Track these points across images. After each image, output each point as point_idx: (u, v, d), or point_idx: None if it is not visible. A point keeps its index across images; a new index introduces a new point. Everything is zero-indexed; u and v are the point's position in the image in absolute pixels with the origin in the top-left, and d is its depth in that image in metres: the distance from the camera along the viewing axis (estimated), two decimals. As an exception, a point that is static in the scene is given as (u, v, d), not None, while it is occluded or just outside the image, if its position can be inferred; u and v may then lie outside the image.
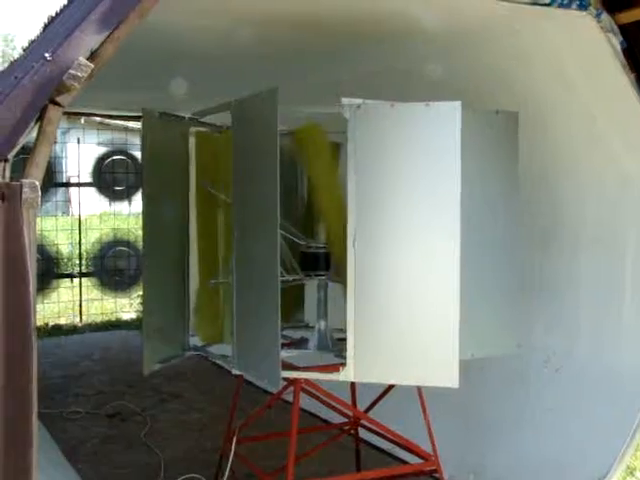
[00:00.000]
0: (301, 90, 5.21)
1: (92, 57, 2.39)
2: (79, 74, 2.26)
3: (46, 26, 4.61)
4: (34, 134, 2.41)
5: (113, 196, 10.83)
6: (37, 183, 2.25)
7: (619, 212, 4.42)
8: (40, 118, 2.36)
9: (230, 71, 5.36)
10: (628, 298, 4.39)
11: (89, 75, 2.29)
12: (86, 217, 11.40)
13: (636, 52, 3.88)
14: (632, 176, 4.30)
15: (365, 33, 4.23)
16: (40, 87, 2.25)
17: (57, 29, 2.87)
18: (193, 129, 4.21)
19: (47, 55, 2.25)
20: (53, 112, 2.34)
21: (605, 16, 3.79)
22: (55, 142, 10.47)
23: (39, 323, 9.72)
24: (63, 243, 10.91)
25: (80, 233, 10.59)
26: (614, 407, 4.32)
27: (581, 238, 4.61)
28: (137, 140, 10.45)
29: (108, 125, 11.34)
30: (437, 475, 3.89)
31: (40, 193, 2.24)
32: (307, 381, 3.65)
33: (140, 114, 3.90)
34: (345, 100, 3.36)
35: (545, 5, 3.64)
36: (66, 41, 2.29)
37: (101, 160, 10.72)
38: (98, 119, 10.99)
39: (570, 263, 4.68)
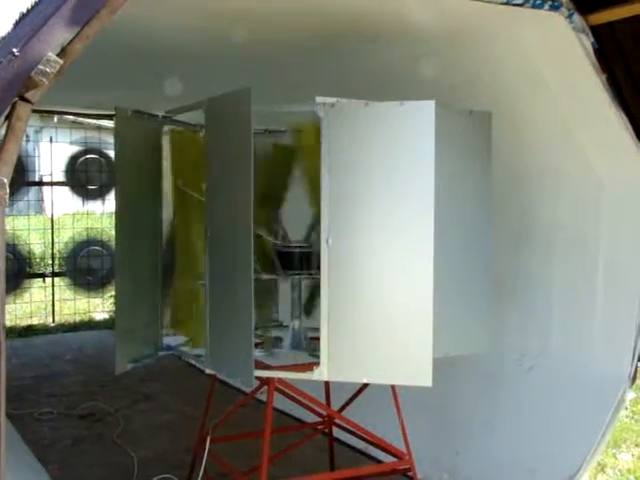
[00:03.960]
0: (281, 89, 5.19)
1: (62, 53, 2.36)
2: (48, 70, 2.23)
3: (17, 23, 4.54)
4: (2, 131, 2.37)
5: (86, 195, 10.73)
6: (5, 180, 2.21)
7: (592, 213, 4.45)
8: (9, 115, 2.33)
9: (206, 71, 5.32)
10: (600, 298, 4.42)
11: (58, 71, 2.26)
12: (59, 216, 11.28)
13: (607, 53, 3.91)
14: (604, 177, 4.33)
15: (343, 33, 4.23)
16: (8, 83, 2.22)
17: (27, 25, 2.82)
18: (169, 128, 4.18)
19: (15, 51, 2.22)
20: (22, 108, 2.31)
21: (577, 17, 3.82)
22: (28, 141, 10.44)
23: (11, 323, 9.60)
24: (36, 243, 10.79)
25: (53, 232, 10.49)
26: (586, 406, 4.35)
27: (554, 238, 4.64)
28: (110, 139, 10.36)
29: (81, 124, 11.23)
30: (411, 474, 3.89)
31: (8, 190, 2.20)
32: (281, 380, 3.64)
33: (113, 112, 3.87)
34: (319, 98, 3.34)
35: (518, 5, 3.66)
36: (35, 37, 2.26)
37: (74, 159, 10.61)
38: (71, 118, 10.88)
39: (543, 263, 4.71)
